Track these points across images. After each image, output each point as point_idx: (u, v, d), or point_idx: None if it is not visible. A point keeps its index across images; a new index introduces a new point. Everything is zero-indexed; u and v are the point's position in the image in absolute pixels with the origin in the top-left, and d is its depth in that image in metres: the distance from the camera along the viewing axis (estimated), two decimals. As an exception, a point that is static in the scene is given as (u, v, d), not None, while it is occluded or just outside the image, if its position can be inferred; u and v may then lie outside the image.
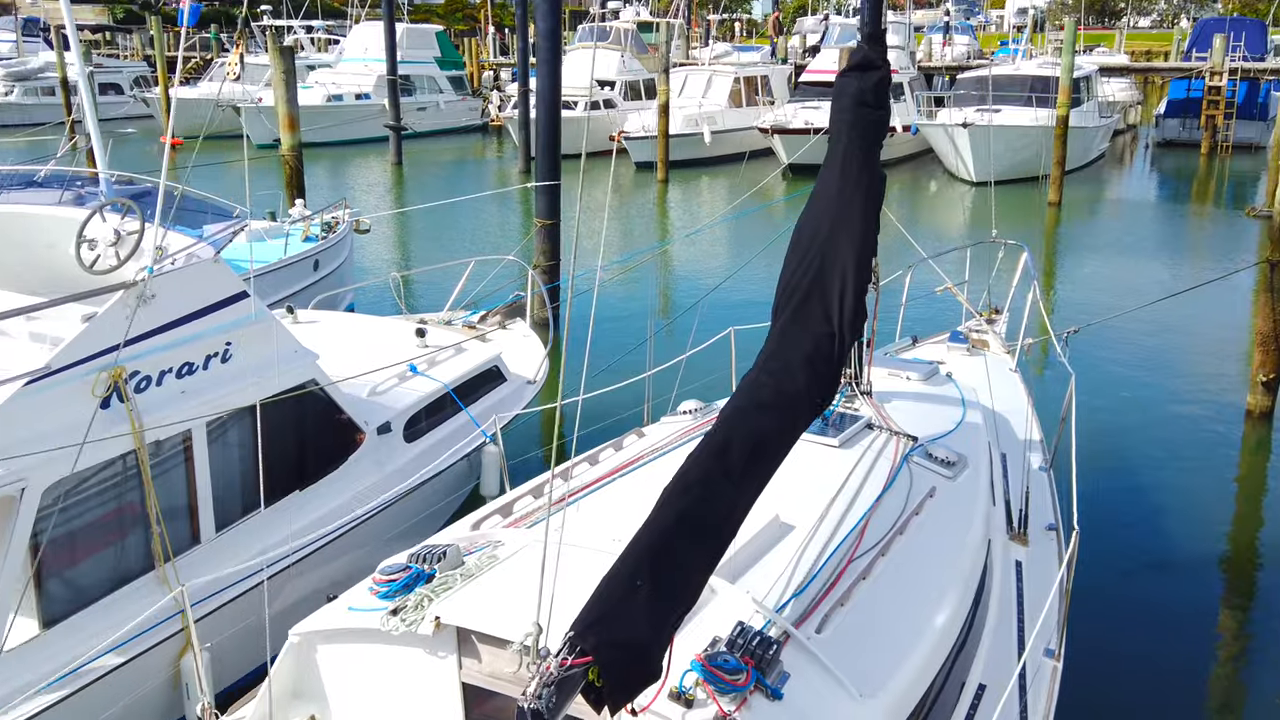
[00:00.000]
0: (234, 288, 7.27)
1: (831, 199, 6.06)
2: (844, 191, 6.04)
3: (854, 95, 6.27)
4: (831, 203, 6.05)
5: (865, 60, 6.27)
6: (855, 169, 6.12)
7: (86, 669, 6.15)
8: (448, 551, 4.94)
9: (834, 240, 5.84)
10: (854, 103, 6.26)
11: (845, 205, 6.00)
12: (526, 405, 10.31)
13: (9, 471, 5.77)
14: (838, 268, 5.77)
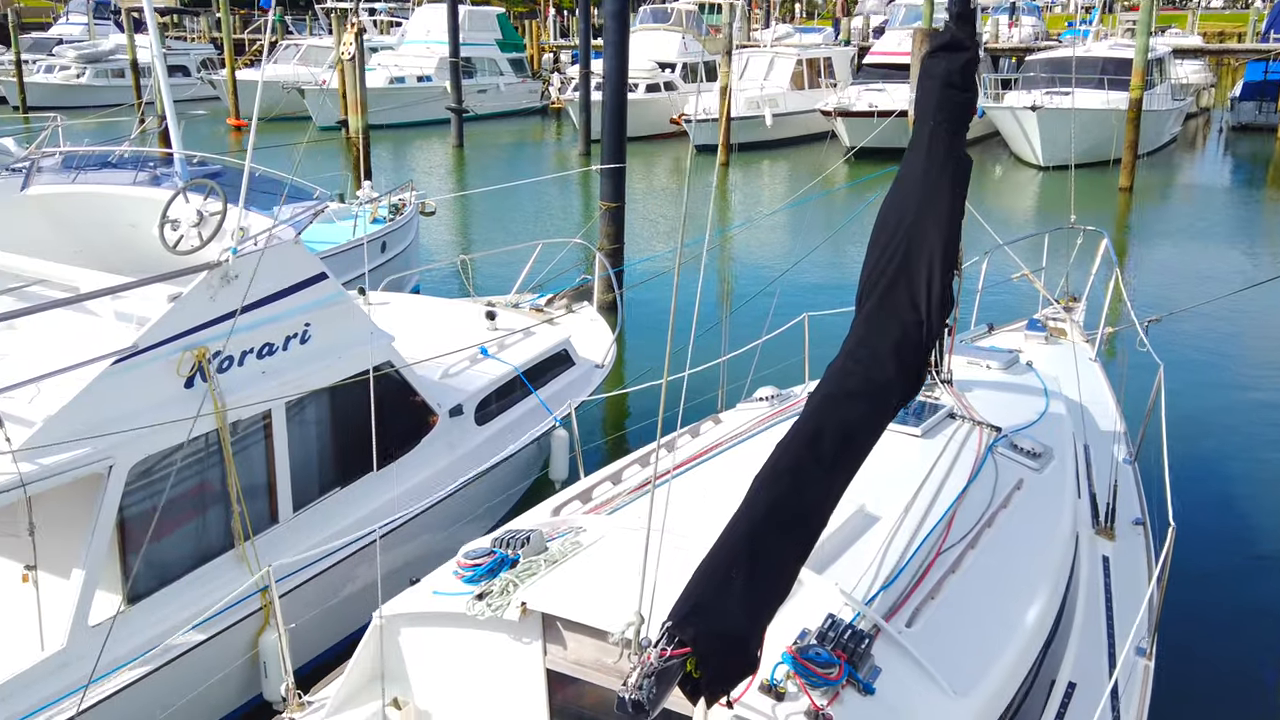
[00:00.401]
0: (314, 269, 7.31)
1: (917, 183, 5.92)
2: (930, 175, 5.90)
3: (941, 76, 6.11)
4: (917, 187, 5.91)
5: (953, 41, 6.12)
6: (941, 152, 5.97)
7: (169, 646, 6.24)
8: (531, 537, 4.91)
9: (920, 226, 5.71)
10: (941, 84, 6.11)
11: (931, 190, 5.86)
12: (596, 389, 10.28)
13: (97, 449, 5.86)
14: (924, 254, 5.64)
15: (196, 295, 6.49)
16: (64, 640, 5.80)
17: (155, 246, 7.79)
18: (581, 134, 34.39)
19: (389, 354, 7.84)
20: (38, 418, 5.79)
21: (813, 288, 18.30)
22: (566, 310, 11.79)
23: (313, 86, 38.18)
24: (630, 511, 5.48)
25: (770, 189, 30.54)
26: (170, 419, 6.25)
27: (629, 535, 4.96)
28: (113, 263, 8.16)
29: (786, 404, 7.12)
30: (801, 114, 36.84)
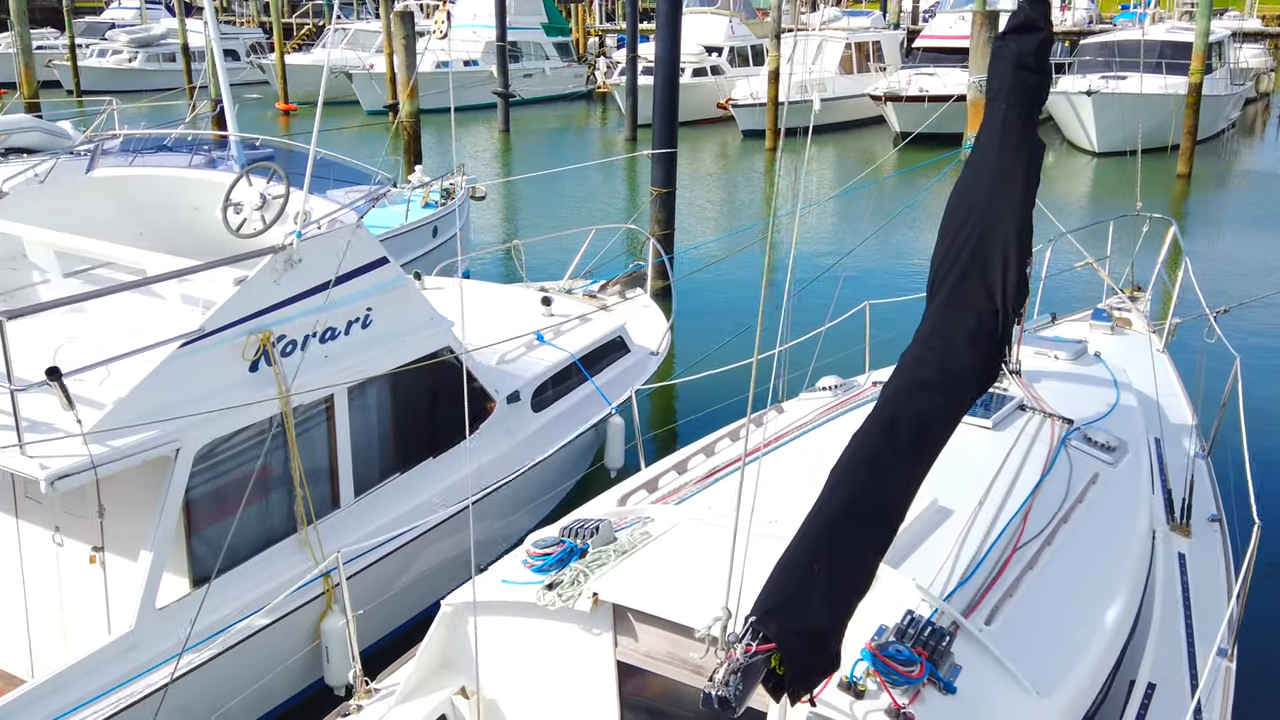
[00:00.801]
0: (375, 253, 7.29)
1: (989, 169, 5.77)
2: (1003, 161, 5.75)
3: (1014, 59, 5.94)
4: (989, 173, 5.76)
5: (1027, 22, 5.95)
6: (1015, 137, 5.82)
7: (234, 629, 6.27)
8: (600, 526, 4.86)
9: (993, 212, 5.56)
10: (1014, 66, 5.94)
11: (1005, 176, 5.71)
12: (650, 377, 10.21)
13: (165, 432, 5.88)
14: (998, 241, 5.50)
15: (261, 279, 6.50)
16: (132, 622, 5.84)
17: (218, 229, 7.81)
18: (628, 119, 34.24)
19: (448, 339, 7.82)
20: (108, 400, 5.82)
21: (870, 275, 18.06)
22: (620, 296, 11.72)
23: (360, 71, 38.34)
24: (698, 501, 5.41)
25: (818, 174, 30.23)
26: (235, 402, 6.27)
27: (700, 526, 4.89)
28: (175, 245, 8.20)
29: (850, 394, 7.00)
30: (850, 99, 36.41)
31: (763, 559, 3.81)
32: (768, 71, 32.54)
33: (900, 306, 11.75)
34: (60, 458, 5.46)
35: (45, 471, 5.32)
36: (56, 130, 15.72)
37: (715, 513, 4.96)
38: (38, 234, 7.06)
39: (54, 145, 15.48)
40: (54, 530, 6.55)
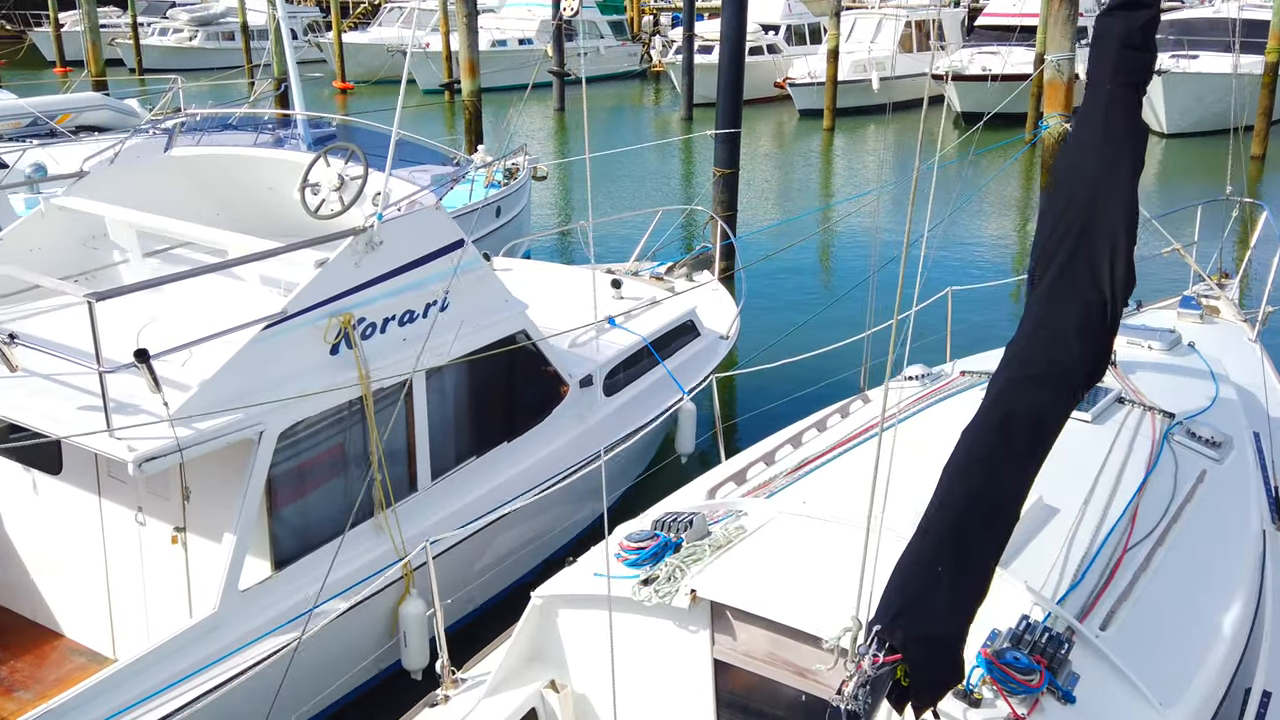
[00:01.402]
0: (453, 235, 7.21)
1: (1094, 152, 5.52)
2: (1108, 144, 5.50)
3: (1120, 37, 5.67)
4: (1094, 157, 5.51)
5: None
6: (1120, 120, 5.56)
7: (316, 613, 6.24)
8: (694, 520, 4.73)
9: (1099, 198, 5.33)
10: (1119, 44, 5.67)
11: (1110, 161, 5.46)
12: (722, 363, 10.06)
13: (249, 415, 5.85)
14: (1104, 228, 5.27)
15: (342, 261, 6.44)
16: (215, 604, 5.83)
17: (294, 210, 7.77)
18: (684, 98, 33.95)
19: (523, 323, 7.72)
20: (193, 381, 5.80)
21: (943, 259, 17.64)
22: (686, 279, 11.57)
23: (416, 50, 38.34)
24: (792, 494, 5.26)
25: (876, 154, 29.77)
26: (316, 385, 6.23)
27: (797, 521, 4.75)
28: (251, 225, 8.18)
29: (937, 383, 6.80)
30: (910, 78, 35.79)
31: (879, 561, 3.66)
32: (826, 50, 32.05)
33: (983, 294, 11.49)
34: (147, 439, 5.44)
35: (133, 453, 5.31)
36: (125, 108, 15.85)
37: (812, 507, 4.82)
38: (119, 213, 7.06)
39: (123, 123, 15.61)
40: (136, 510, 6.57)
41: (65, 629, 7.07)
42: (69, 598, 7.01)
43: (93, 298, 5.20)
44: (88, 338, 6.45)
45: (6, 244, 7.06)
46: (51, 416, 5.52)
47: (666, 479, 10.20)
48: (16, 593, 7.23)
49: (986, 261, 17.66)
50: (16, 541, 7.17)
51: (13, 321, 6.75)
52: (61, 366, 5.97)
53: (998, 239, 19.65)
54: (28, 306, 6.99)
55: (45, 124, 14.48)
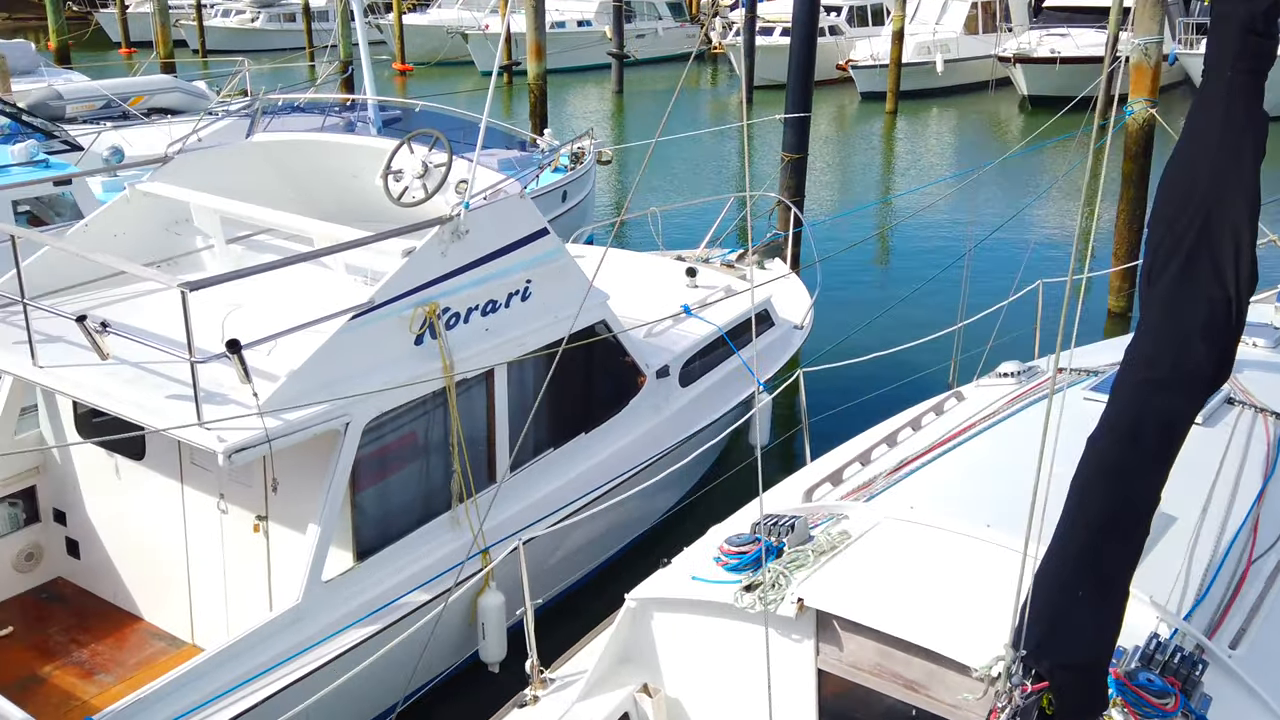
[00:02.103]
0: (536, 224, 7.11)
1: (1213, 143, 5.25)
2: (1228, 133, 5.22)
3: (1242, 22, 5.37)
4: (1213, 147, 5.24)
5: None
6: (1241, 109, 5.28)
7: (398, 604, 6.20)
8: (795, 524, 4.59)
9: (1219, 192, 5.07)
10: (1241, 30, 5.37)
11: (1231, 151, 5.19)
12: (798, 358, 9.88)
13: (335, 406, 5.79)
14: (1226, 223, 5.01)
15: (429, 250, 6.36)
16: (299, 595, 5.80)
17: (375, 197, 7.71)
18: (745, 80, 33.54)
19: (604, 313, 7.61)
20: (281, 372, 5.76)
21: (1022, 249, 17.11)
22: (758, 266, 11.38)
23: (476, 31, 38.35)
24: (895, 497, 5.08)
25: (938, 138, 29.21)
26: (400, 375, 6.16)
27: (904, 527, 4.59)
28: (330, 211, 8.14)
29: (1034, 381, 6.58)
30: (975, 60, 35.07)
31: (988, 571, 3.50)
32: (891, 31, 31.47)
33: (1076, 286, 11.09)
34: (236, 430, 5.41)
35: (223, 445, 5.27)
36: (196, 91, 15.96)
37: (920, 513, 4.65)
38: (204, 199, 7.05)
39: (194, 106, 15.72)
40: (219, 498, 6.57)
41: (145, 613, 7.12)
42: (149, 582, 7.05)
43: (186, 287, 5.17)
44: (175, 325, 6.44)
45: (92, 229, 7.07)
46: (141, 406, 5.51)
47: (738, 472, 10.07)
48: (98, 576, 7.29)
49: (1064, 253, 17.12)
50: (98, 525, 7.22)
51: (100, 307, 6.77)
52: (150, 354, 5.96)
53: (1073, 228, 19.05)
54: (114, 292, 7.01)
55: (118, 106, 14.62)
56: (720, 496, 9.69)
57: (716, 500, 9.26)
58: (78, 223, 9.51)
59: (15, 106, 12.85)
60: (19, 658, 6.68)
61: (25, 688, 6.37)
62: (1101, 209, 19.85)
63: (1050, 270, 10.23)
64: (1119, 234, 13.25)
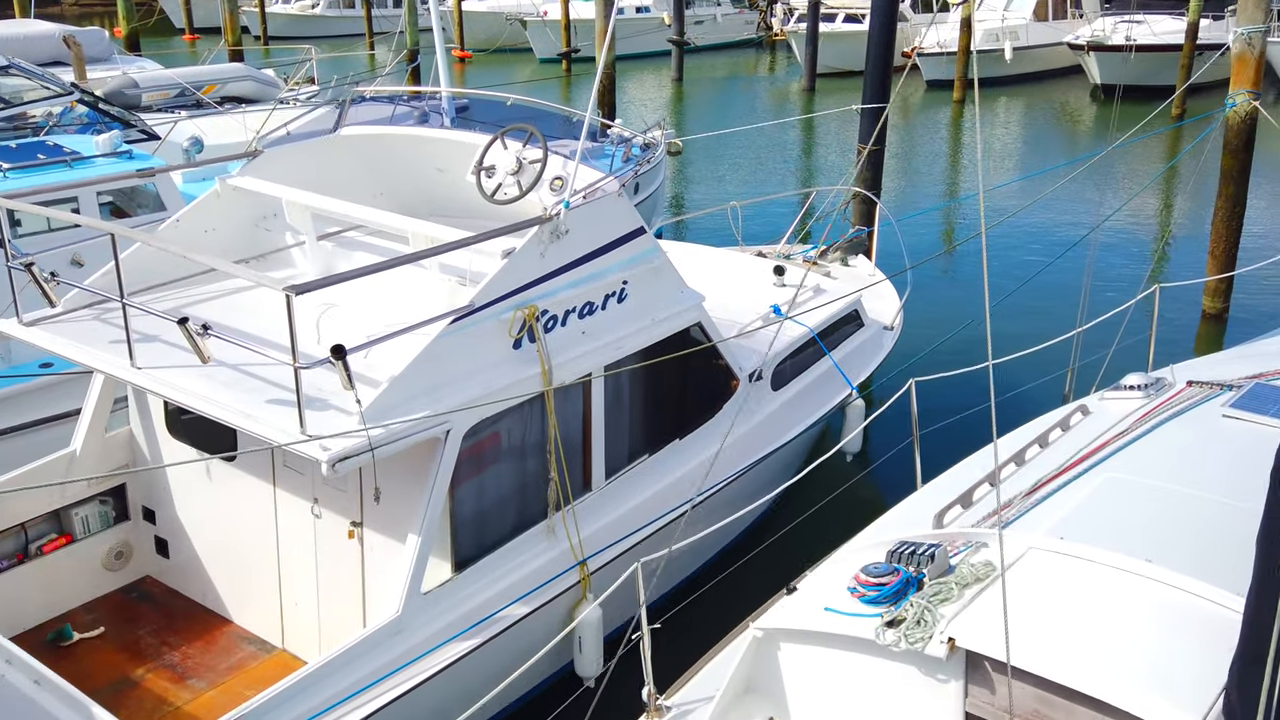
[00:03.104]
0: (633, 223, 6.87)
1: None
2: None
3: None
4: None
5: None
6: None
7: (496, 617, 6.02)
8: (935, 553, 4.31)
9: None
10: None
11: None
12: (889, 357, 9.56)
13: (436, 415, 5.60)
14: None
15: (529, 251, 6.15)
16: (399, 607, 5.63)
17: (462, 192, 7.52)
18: (806, 68, 33.07)
19: (700, 315, 7.36)
20: (382, 377, 5.58)
21: (1123, 251, 16.44)
22: (841, 264, 11.06)
23: (534, 19, 38.16)
24: (1033, 524, 4.78)
25: (1005, 128, 28.52)
26: (499, 380, 5.96)
27: (1054, 559, 4.29)
28: (414, 205, 7.97)
29: (1164, 394, 6.22)
30: (1045, 48, 34.27)
31: (1156, 613, 3.21)
32: (960, 19, 30.78)
33: (1196, 290, 10.69)
34: (339, 437, 5.24)
35: (327, 453, 5.10)
36: (268, 79, 15.91)
37: (1071, 544, 4.36)
38: (295, 195, 6.89)
39: (265, 94, 15.66)
40: (312, 502, 6.43)
41: (234, 615, 7.02)
42: (238, 584, 6.95)
43: (292, 291, 4.99)
44: (271, 325, 6.31)
45: (183, 225, 6.95)
46: (243, 412, 5.36)
47: (826, 477, 9.79)
48: (186, 575, 7.20)
49: (1175, 254, 16.33)
50: (187, 525, 7.13)
51: (192, 305, 6.65)
52: (247, 355, 5.81)
53: (1174, 228, 18.15)
54: (206, 289, 6.90)
55: (192, 95, 14.60)
56: (807, 502, 9.42)
57: (802, 508, 9.01)
58: (161, 214, 9.47)
59: (93, 94, 12.84)
60: (111, 659, 6.61)
61: (118, 691, 6.29)
62: (1195, 206, 19.09)
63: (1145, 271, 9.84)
64: (1216, 233, 12.71)
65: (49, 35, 15.85)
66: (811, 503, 9.26)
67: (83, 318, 6.45)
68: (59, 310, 6.45)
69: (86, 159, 9.09)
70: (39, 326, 6.30)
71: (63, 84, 12.44)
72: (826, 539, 6.03)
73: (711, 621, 6.75)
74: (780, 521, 8.89)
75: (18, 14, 25.43)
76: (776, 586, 7.16)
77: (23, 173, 8.74)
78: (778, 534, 8.73)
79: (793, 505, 9.01)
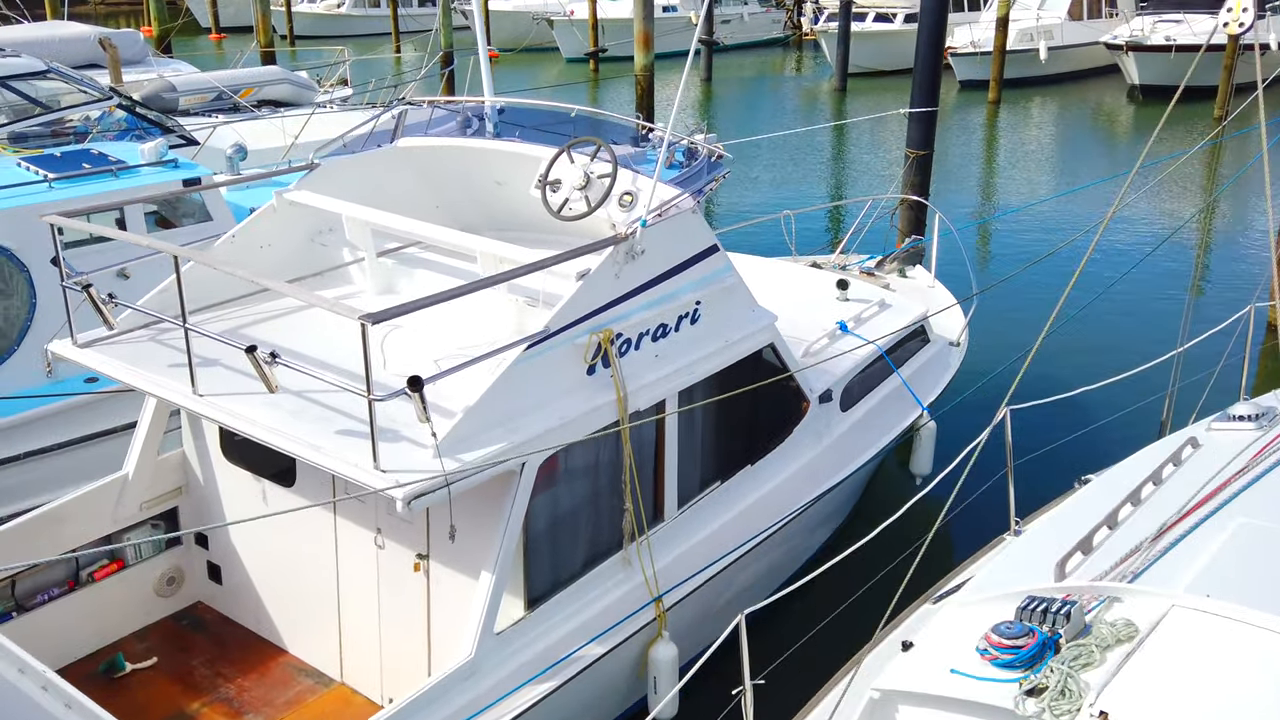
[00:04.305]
0: (707, 240, 6.57)
1: None
2: None
3: None
4: None
5: None
6: None
7: (572, 659, 5.74)
8: (1070, 611, 3.99)
9: None
10: None
11: None
12: (954, 376, 9.21)
13: (512, 445, 5.31)
14: None
15: (604, 271, 5.85)
16: (472, 649, 5.35)
17: (522, 206, 7.24)
18: (837, 68, 32.67)
19: (772, 335, 7.05)
20: (455, 408, 5.29)
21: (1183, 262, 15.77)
22: (899, 274, 10.72)
23: (561, 18, 37.88)
24: (1168, 574, 4.45)
25: (1039, 129, 28.04)
26: (574, 409, 5.67)
27: (1204, 620, 3.96)
28: (470, 219, 7.69)
29: (1277, 427, 5.87)
30: (1080, 47, 33.76)
31: None
32: (996, 18, 30.29)
33: None
34: (413, 473, 4.95)
35: (403, 490, 4.82)
36: (304, 82, 15.66)
37: (1220, 603, 4.03)
38: (355, 210, 6.61)
39: (302, 98, 15.43)
40: (375, 532, 6.16)
41: (289, 645, 6.76)
42: (294, 613, 6.69)
43: (368, 320, 4.71)
44: (337, 350, 6.03)
45: (239, 241, 6.69)
46: (311, 444, 5.08)
47: (894, 500, 9.45)
48: (239, 602, 6.95)
49: (1244, 268, 15.73)
50: (242, 551, 6.87)
51: (249, 326, 6.39)
52: (312, 382, 5.54)
53: (1238, 240, 17.62)
54: (262, 308, 6.63)
55: (229, 99, 14.37)
56: (869, 526, 9.09)
57: (867, 528, 8.68)
58: (207, 224, 9.22)
59: (131, 99, 12.63)
60: (165, 691, 6.36)
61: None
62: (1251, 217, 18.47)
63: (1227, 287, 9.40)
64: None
65: (84, 37, 15.67)
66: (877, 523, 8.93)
67: (138, 338, 6.19)
68: (113, 330, 6.20)
69: (132, 168, 8.85)
70: (94, 348, 6.04)
71: (102, 88, 12.23)
72: (898, 570, 5.69)
73: (797, 664, 6.45)
74: (845, 550, 8.56)
75: (49, 15, 25.31)
76: (854, 624, 6.84)
77: (68, 183, 8.50)
78: (842, 563, 8.40)
79: (856, 533, 8.69)
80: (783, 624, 7.42)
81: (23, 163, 8.78)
